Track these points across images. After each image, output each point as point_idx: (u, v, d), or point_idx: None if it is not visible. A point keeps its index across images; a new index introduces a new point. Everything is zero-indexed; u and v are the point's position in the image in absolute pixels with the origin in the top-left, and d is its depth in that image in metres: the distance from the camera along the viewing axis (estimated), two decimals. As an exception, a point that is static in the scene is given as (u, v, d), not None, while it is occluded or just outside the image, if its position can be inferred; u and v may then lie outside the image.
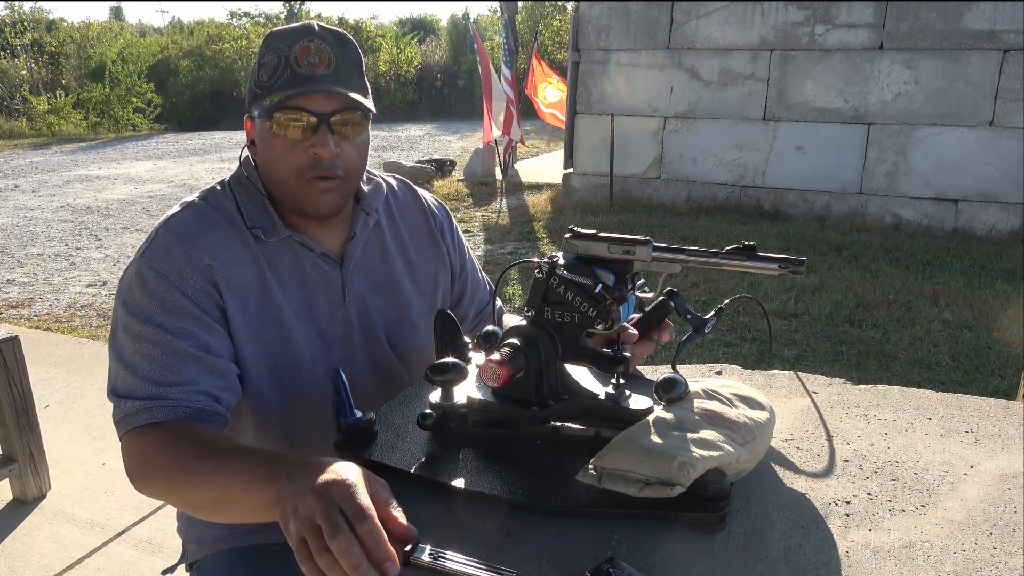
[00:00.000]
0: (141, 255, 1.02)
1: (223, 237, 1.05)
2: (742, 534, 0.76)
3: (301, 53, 1.00)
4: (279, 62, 1.01)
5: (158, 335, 0.97)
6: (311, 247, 1.10)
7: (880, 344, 3.90)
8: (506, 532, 0.75)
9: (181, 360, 0.97)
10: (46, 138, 16.49)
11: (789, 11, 6.62)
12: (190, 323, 0.99)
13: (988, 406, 1.06)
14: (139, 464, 0.93)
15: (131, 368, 0.97)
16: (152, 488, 0.94)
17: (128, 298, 1.00)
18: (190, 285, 1.00)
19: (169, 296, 0.99)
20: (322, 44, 1.02)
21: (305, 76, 1.00)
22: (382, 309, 1.18)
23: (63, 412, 3.25)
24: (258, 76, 1.03)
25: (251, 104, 1.06)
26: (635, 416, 0.87)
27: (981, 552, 0.73)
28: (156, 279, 0.99)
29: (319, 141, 1.01)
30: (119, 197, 9.06)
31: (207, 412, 0.97)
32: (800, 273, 0.82)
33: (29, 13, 21.82)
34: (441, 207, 1.32)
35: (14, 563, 2.22)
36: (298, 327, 1.09)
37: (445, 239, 1.29)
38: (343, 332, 1.13)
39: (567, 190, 7.91)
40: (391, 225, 1.23)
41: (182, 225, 1.05)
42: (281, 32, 1.03)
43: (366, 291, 1.16)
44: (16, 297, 5.14)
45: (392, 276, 1.20)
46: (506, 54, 8.47)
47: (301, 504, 0.68)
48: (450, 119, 19.68)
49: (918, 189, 6.48)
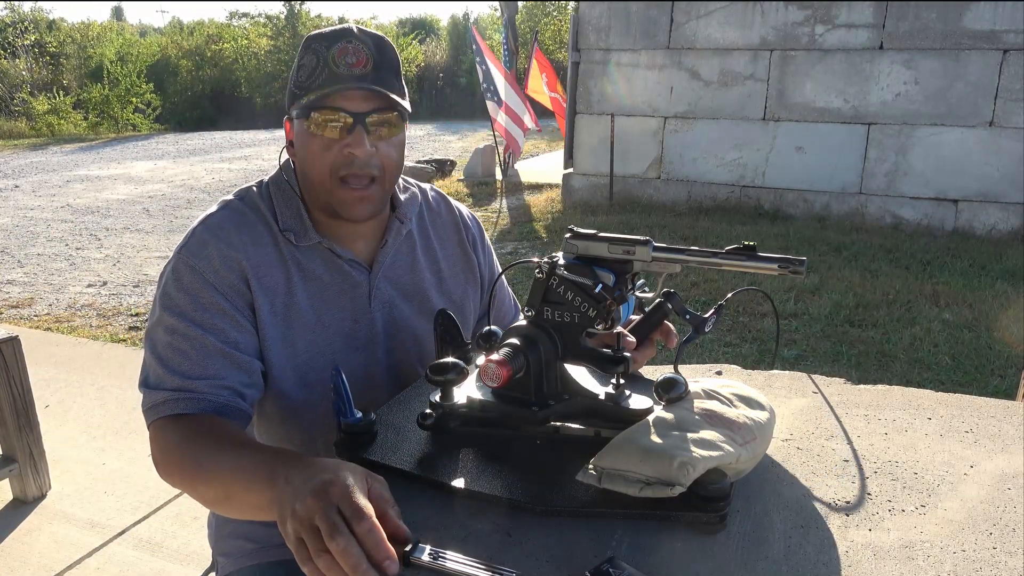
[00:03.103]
0: (179, 251, 1.06)
1: (256, 237, 1.08)
2: (742, 534, 0.76)
3: (339, 53, 1.02)
4: (317, 62, 1.02)
5: (190, 330, 1.00)
6: (339, 254, 1.11)
7: (880, 344, 3.90)
8: (506, 532, 0.75)
9: (210, 355, 1.00)
10: (46, 138, 16.48)
11: (789, 11, 6.62)
12: (221, 319, 1.02)
13: (988, 406, 1.06)
14: (162, 454, 0.96)
15: (162, 360, 1.00)
16: (172, 478, 0.96)
17: (164, 293, 1.04)
18: (223, 281, 1.03)
19: (203, 292, 1.02)
20: (360, 45, 1.03)
21: (342, 75, 1.01)
22: (408, 317, 1.18)
23: (63, 412, 3.25)
24: (297, 77, 1.05)
25: (290, 105, 1.08)
26: (635, 416, 0.87)
27: (981, 552, 0.73)
28: (191, 275, 1.03)
29: (354, 140, 1.02)
30: (119, 197, 9.06)
31: (230, 407, 0.99)
32: (800, 273, 0.82)
33: (29, 13, 21.80)
34: (474, 220, 1.33)
35: (14, 563, 2.22)
36: (322, 331, 1.10)
37: (477, 252, 1.30)
38: (367, 337, 1.14)
39: (567, 190, 7.91)
40: (423, 235, 1.24)
41: (218, 223, 1.07)
42: (320, 34, 1.05)
43: (393, 298, 1.17)
44: (16, 297, 5.14)
45: (420, 286, 1.20)
46: (506, 54, 8.47)
47: (299, 505, 0.68)
48: (450, 119, 19.66)
49: (918, 189, 6.48)
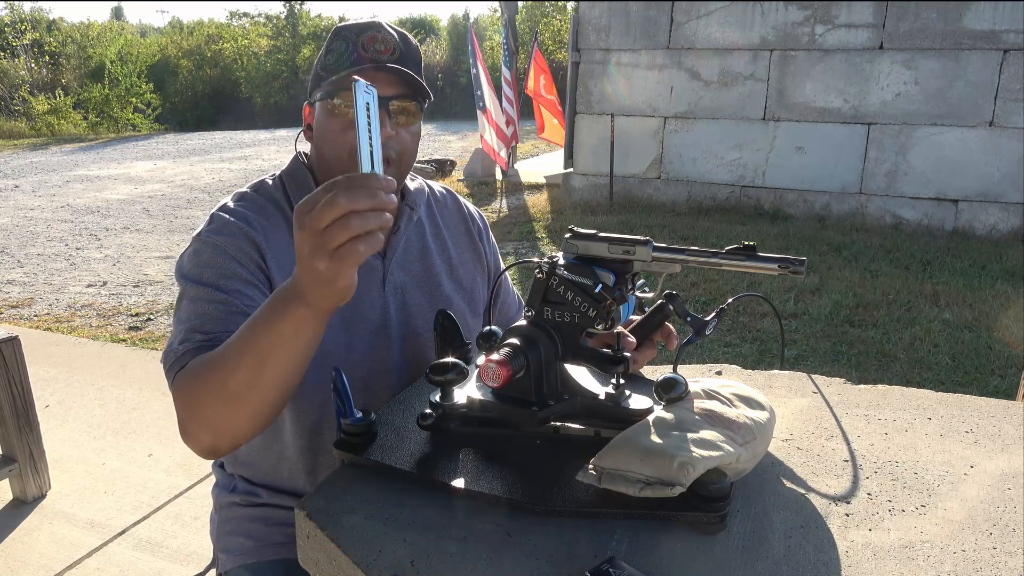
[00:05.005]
0: (198, 236, 1.08)
1: (274, 223, 1.11)
2: (742, 534, 0.76)
3: (368, 41, 1.07)
4: (346, 47, 1.07)
5: (212, 294, 1.01)
6: None
7: (880, 344, 3.90)
8: (506, 532, 0.75)
9: (231, 315, 1.00)
10: (46, 138, 16.49)
11: (789, 11, 6.62)
12: (242, 286, 1.03)
13: (988, 406, 1.06)
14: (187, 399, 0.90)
15: (185, 324, 1.01)
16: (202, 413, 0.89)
17: (186, 270, 1.05)
18: (245, 256, 1.05)
19: (226, 264, 1.04)
20: (389, 35, 1.09)
21: (370, 59, 1.06)
22: (420, 303, 1.20)
23: (63, 412, 3.25)
24: (324, 60, 1.09)
25: (314, 88, 1.11)
26: (635, 416, 0.87)
27: (981, 552, 0.73)
28: (212, 251, 1.05)
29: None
30: (119, 197, 9.06)
31: None
32: (800, 273, 0.81)
33: (29, 13, 21.81)
34: (479, 214, 1.38)
35: (14, 563, 2.22)
36: (337, 314, 1.10)
37: (483, 242, 1.34)
38: (381, 322, 1.16)
39: (567, 190, 7.91)
40: (432, 224, 1.27)
41: (236, 207, 1.11)
42: (349, 25, 1.10)
43: (406, 284, 1.19)
44: (16, 297, 5.14)
45: (431, 272, 1.23)
46: (506, 54, 8.47)
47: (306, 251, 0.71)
48: (450, 119, 19.65)
49: (918, 189, 6.48)
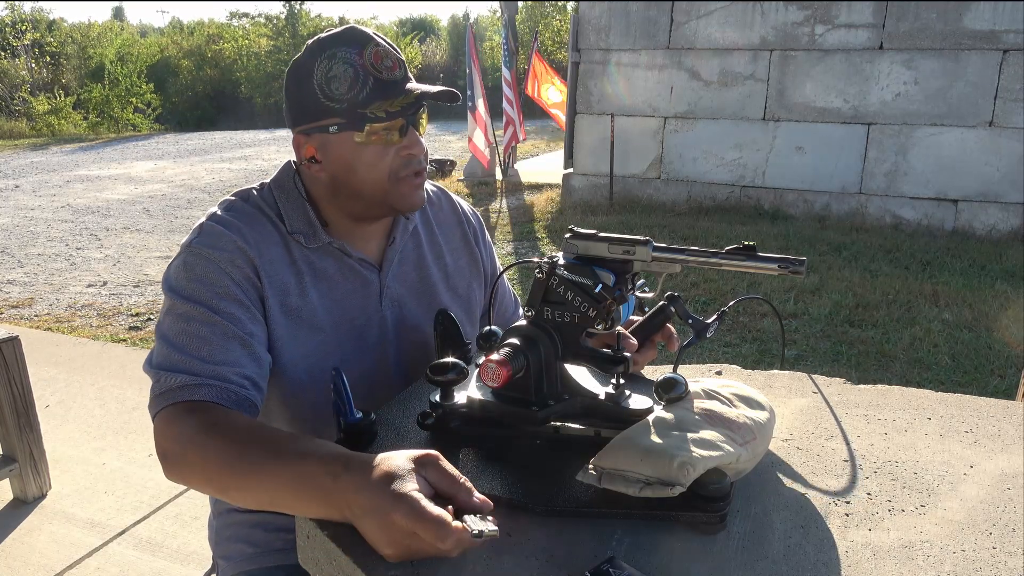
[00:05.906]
0: (188, 246, 1.03)
1: (265, 236, 1.06)
2: (742, 534, 0.76)
3: (375, 59, 1.01)
4: (356, 73, 1.00)
5: (208, 315, 0.96)
6: (350, 253, 1.12)
7: (880, 344, 3.90)
8: (506, 532, 0.75)
9: (229, 341, 0.96)
10: (46, 138, 16.48)
11: (789, 11, 6.62)
12: (237, 308, 0.99)
13: (988, 406, 1.06)
14: (178, 446, 0.86)
15: (177, 346, 0.94)
16: (189, 474, 0.86)
17: (176, 284, 1.00)
18: (237, 272, 1.01)
19: (218, 280, 0.99)
20: (386, 46, 1.04)
21: (388, 81, 1.02)
22: (416, 314, 1.19)
23: (63, 412, 3.25)
24: (330, 90, 1.01)
25: (320, 117, 1.03)
26: (635, 416, 0.87)
27: (981, 552, 0.73)
28: (205, 264, 1.00)
29: (411, 141, 1.05)
30: (119, 197, 9.06)
31: (247, 401, 0.94)
32: (800, 273, 0.81)
33: (29, 13, 21.81)
34: (474, 214, 1.35)
35: (14, 563, 2.22)
36: (334, 330, 1.10)
37: (479, 245, 1.31)
38: (379, 336, 1.14)
39: (567, 190, 7.91)
40: (428, 231, 1.25)
41: (227, 219, 1.06)
42: (332, 39, 1.02)
43: (403, 296, 1.17)
44: (16, 297, 5.14)
45: (428, 282, 1.21)
46: (506, 54, 8.47)
47: (387, 531, 0.68)
48: (450, 119, 19.64)
49: (918, 189, 6.48)
